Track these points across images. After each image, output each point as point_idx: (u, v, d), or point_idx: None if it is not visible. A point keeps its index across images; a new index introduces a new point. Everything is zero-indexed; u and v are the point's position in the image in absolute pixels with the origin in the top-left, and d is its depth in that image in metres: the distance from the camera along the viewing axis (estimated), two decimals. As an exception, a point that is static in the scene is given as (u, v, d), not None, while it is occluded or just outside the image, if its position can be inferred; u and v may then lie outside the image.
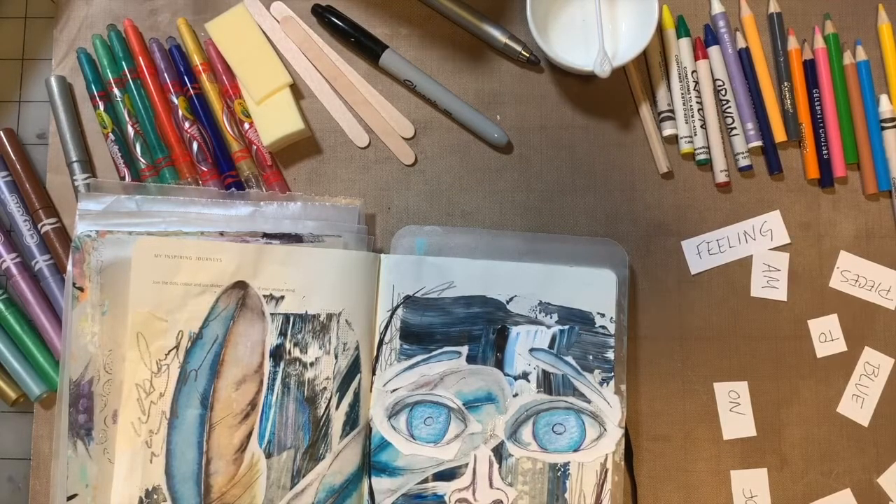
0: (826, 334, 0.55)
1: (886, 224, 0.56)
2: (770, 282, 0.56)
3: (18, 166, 0.56)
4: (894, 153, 0.56)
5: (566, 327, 0.53)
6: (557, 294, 0.53)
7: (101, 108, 0.56)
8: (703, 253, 0.56)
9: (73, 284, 0.51)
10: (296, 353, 0.51)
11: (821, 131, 0.56)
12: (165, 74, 0.56)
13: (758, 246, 0.56)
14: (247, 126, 0.56)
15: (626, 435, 0.53)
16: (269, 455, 0.51)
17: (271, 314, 0.52)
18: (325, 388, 0.51)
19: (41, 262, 0.55)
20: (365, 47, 0.57)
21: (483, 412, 0.52)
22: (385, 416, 0.52)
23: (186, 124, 0.56)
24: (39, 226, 0.55)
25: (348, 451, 0.51)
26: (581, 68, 0.53)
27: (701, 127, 0.56)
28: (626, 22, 0.56)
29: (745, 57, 0.57)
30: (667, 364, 0.55)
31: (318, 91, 0.58)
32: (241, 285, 0.51)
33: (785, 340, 0.55)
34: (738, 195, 0.57)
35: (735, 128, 0.56)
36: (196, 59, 0.57)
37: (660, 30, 0.57)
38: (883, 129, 0.56)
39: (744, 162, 0.56)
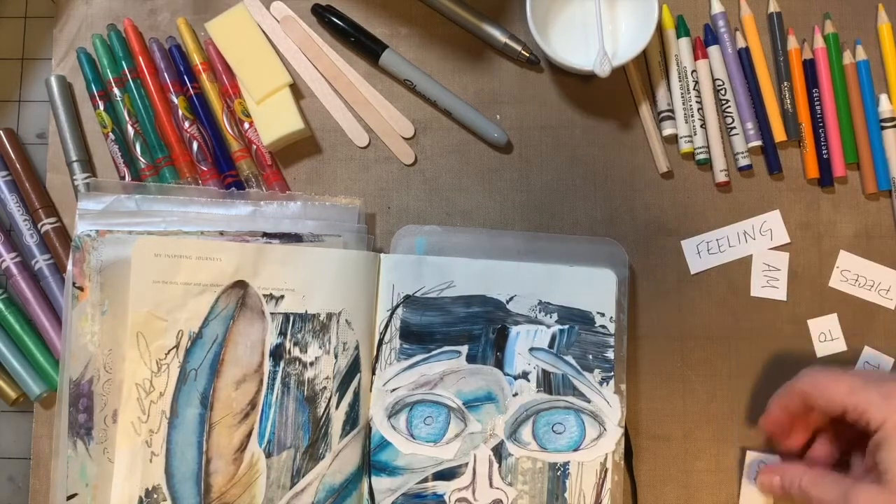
0: (826, 334, 0.55)
1: (886, 224, 0.56)
2: (770, 281, 0.56)
3: (18, 166, 0.56)
4: (894, 153, 0.56)
5: (566, 327, 0.53)
6: (557, 294, 0.53)
7: (101, 107, 0.56)
8: (702, 252, 0.56)
9: (73, 284, 0.51)
10: (295, 352, 0.51)
11: (820, 131, 0.56)
12: (165, 74, 0.56)
13: (758, 245, 0.56)
14: (247, 126, 0.56)
15: (626, 434, 0.53)
16: (268, 455, 0.51)
17: (271, 314, 0.52)
18: (324, 388, 0.51)
19: (41, 261, 0.55)
20: (365, 47, 0.57)
21: (483, 412, 0.52)
22: (385, 416, 0.52)
23: (186, 124, 0.56)
24: (39, 225, 0.55)
25: (348, 451, 0.51)
26: (581, 68, 0.53)
27: (701, 126, 0.56)
28: (626, 22, 0.56)
29: (744, 57, 0.57)
30: (667, 364, 0.55)
31: (318, 91, 0.58)
32: (240, 285, 0.51)
33: (785, 340, 0.55)
34: (737, 195, 0.57)
35: (735, 127, 0.56)
36: (196, 59, 0.57)
37: (660, 30, 0.58)
38: (883, 128, 0.56)
39: (743, 161, 0.56)
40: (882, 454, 0.44)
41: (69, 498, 0.49)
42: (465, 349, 0.53)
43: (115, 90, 0.56)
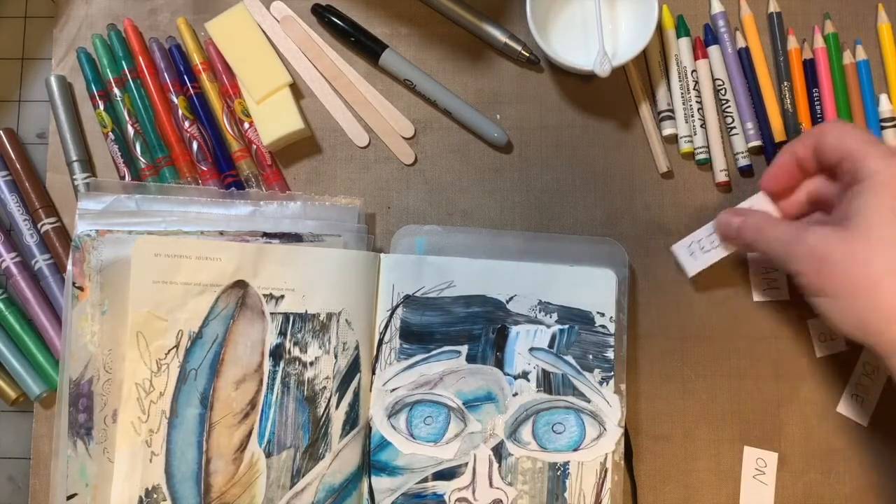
0: (826, 334, 0.55)
1: (886, 224, 0.56)
2: (770, 283, 0.55)
3: (18, 166, 0.56)
4: (894, 153, 0.56)
5: (566, 327, 0.53)
6: (557, 293, 0.53)
7: (101, 107, 0.56)
8: (696, 252, 0.55)
9: (73, 284, 0.51)
10: (295, 352, 0.51)
11: (821, 131, 0.56)
12: (165, 74, 0.56)
13: None
14: (247, 125, 0.56)
15: (626, 434, 0.53)
16: (268, 454, 0.51)
17: (271, 313, 0.52)
18: (324, 388, 0.51)
19: (41, 261, 0.55)
20: (365, 47, 0.57)
21: (483, 411, 0.52)
22: (385, 416, 0.52)
23: (186, 124, 0.56)
24: (39, 225, 0.55)
25: (348, 451, 0.51)
26: (581, 68, 0.53)
27: (701, 126, 0.56)
28: (625, 22, 0.56)
29: (744, 56, 0.57)
30: (667, 364, 0.55)
31: (318, 91, 0.58)
32: (240, 285, 0.51)
33: (785, 340, 0.55)
34: (738, 194, 0.57)
35: (735, 127, 0.56)
36: (196, 59, 0.57)
37: (660, 29, 0.58)
38: (882, 128, 0.56)
39: (743, 161, 0.56)
40: (856, 201, 0.44)
41: (69, 498, 0.49)
42: (465, 349, 0.53)
43: (115, 90, 0.56)
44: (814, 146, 0.47)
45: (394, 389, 0.52)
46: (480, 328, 0.53)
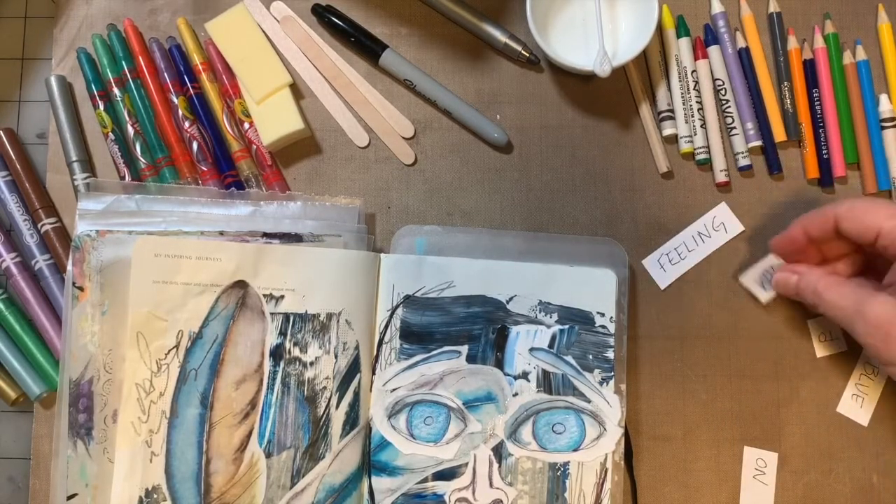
0: (826, 334, 0.55)
1: (886, 224, 0.56)
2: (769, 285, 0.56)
3: (18, 166, 0.56)
4: (894, 153, 0.56)
5: (566, 327, 0.53)
6: (557, 294, 0.53)
7: (101, 107, 0.56)
8: (665, 265, 0.56)
9: (73, 284, 0.51)
10: (296, 352, 0.51)
11: (820, 131, 0.56)
12: (165, 74, 0.56)
13: (715, 242, 0.56)
14: (247, 126, 0.56)
15: (626, 434, 0.53)
16: (268, 455, 0.51)
17: (271, 314, 0.52)
18: (324, 388, 0.51)
19: (41, 261, 0.55)
20: (365, 47, 0.57)
21: (483, 412, 0.52)
22: (385, 416, 0.52)
23: (186, 124, 0.56)
24: (39, 225, 0.55)
25: (348, 451, 0.51)
26: (581, 68, 0.53)
27: (701, 127, 0.56)
28: (625, 22, 0.56)
29: (744, 57, 0.57)
30: (667, 364, 0.55)
31: (318, 91, 0.58)
32: (241, 285, 0.51)
33: (785, 340, 0.55)
34: (737, 195, 0.57)
35: (735, 127, 0.56)
36: (196, 59, 0.57)
37: (660, 29, 0.58)
38: (883, 128, 0.56)
39: (743, 161, 0.56)
40: None
41: (69, 498, 0.49)
42: (465, 349, 0.53)
43: (115, 90, 0.56)
44: (834, 230, 0.48)
45: (394, 389, 0.52)
46: (480, 328, 0.53)
